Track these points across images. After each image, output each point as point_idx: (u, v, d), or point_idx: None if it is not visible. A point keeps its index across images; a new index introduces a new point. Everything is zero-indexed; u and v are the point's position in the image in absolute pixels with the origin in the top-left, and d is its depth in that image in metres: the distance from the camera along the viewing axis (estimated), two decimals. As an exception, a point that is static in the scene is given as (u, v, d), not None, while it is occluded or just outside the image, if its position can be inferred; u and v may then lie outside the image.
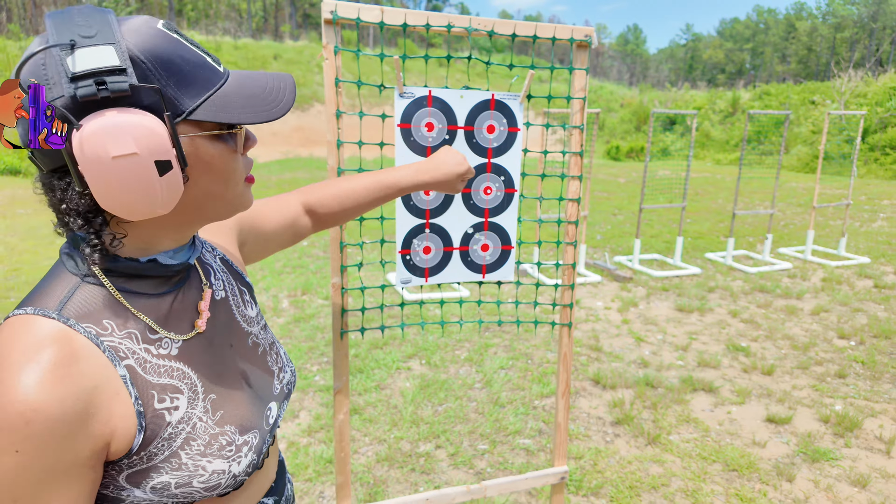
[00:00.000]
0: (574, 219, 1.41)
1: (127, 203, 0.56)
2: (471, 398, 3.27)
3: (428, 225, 1.31)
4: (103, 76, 0.53)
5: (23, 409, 0.51)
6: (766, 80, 61.09)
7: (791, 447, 2.82)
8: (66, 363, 0.55)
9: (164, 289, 0.67)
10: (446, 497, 1.40)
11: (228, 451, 0.66)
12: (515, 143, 1.32)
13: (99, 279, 0.61)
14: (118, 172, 0.54)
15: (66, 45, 0.53)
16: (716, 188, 13.41)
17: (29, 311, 0.57)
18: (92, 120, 0.53)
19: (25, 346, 0.54)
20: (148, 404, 0.61)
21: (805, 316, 4.74)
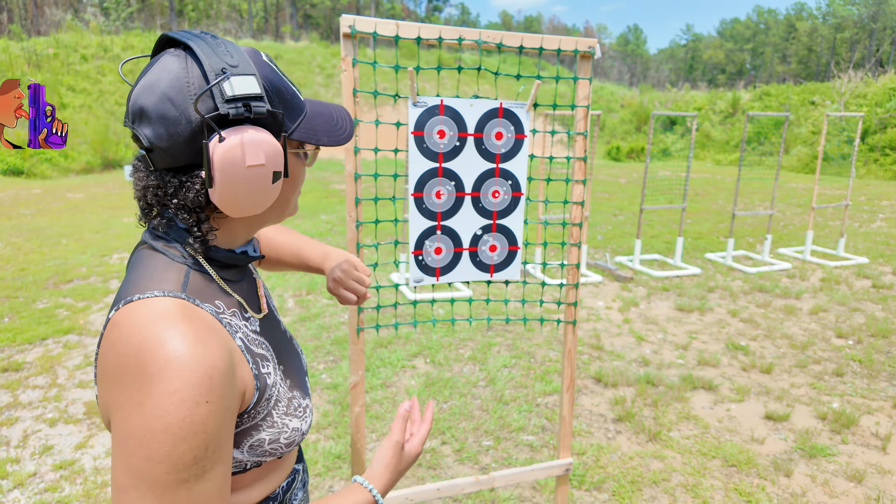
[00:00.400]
0: (578, 221, 1.47)
1: (242, 203, 0.67)
2: (475, 396, 3.33)
3: (440, 227, 1.37)
4: (249, 101, 0.65)
5: (205, 366, 0.60)
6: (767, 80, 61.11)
7: (789, 443, 2.88)
8: (211, 331, 0.64)
9: (241, 277, 0.78)
10: (456, 487, 1.46)
11: (299, 411, 0.78)
12: (522, 149, 1.39)
13: (203, 266, 0.72)
14: (246, 178, 0.66)
15: (220, 72, 0.64)
16: (716, 189, 13.47)
17: (157, 294, 0.64)
18: (234, 134, 0.64)
19: (172, 318, 0.61)
20: (258, 369, 0.72)
21: (804, 315, 4.80)
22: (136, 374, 0.58)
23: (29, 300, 4.86)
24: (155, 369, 0.58)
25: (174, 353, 0.58)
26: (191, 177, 0.67)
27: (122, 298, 0.65)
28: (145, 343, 0.59)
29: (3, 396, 3.25)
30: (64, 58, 20.00)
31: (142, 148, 0.67)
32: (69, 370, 3.58)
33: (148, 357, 0.58)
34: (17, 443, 2.81)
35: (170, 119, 0.64)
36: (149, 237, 0.73)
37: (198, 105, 0.63)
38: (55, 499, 2.40)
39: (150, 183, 0.68)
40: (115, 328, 0.62)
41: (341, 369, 3.60)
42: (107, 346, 0.62)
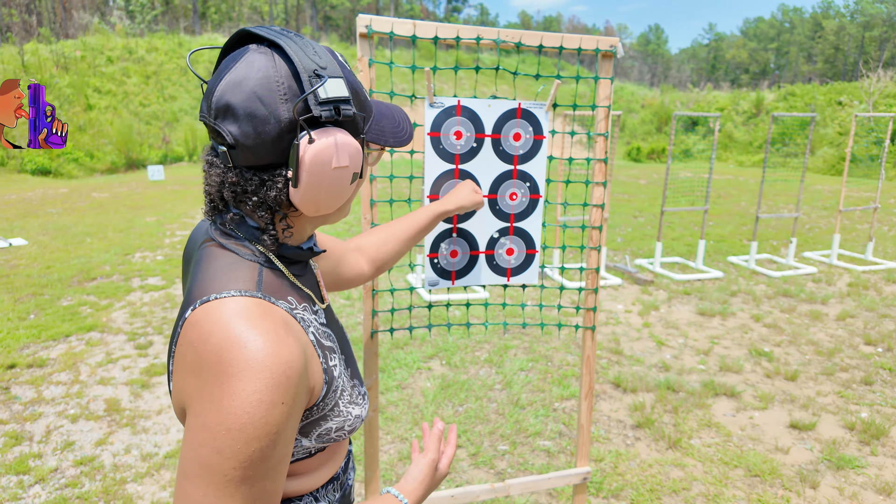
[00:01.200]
0: (598, 224, 1.43)
1: (321, 203, 0.70)
2: (491, 399, 3.30)
3: (455, 230, 1.35)
4: (339, 104, 0.67)
5: (284, 367, 0.61)
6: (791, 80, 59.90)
7: (815, 454, 2.80)
8: (287, 330, 0.65)
9: (305, 270, 0.81)
10: (471, 494, 1.44)
11: (360, 399, 0.80)
12: (541, 151, 1.36)
13: (274, 263, 0.73)
14: (331, 179, 0.68)
15: (313, 75, 0.66)
16: (738, 190, 13.23)
17: (234, 294, 0.65)
18: (324, 136, 0.66)
19: (252, 318, 0.62)
20: (327, 363, 0.73)
21: (830, 321, 4.67)
22: (217, 372, 0.59)
23: (54, 297, 4.95)
24: (236, 369, 0.58)
25: (255, 353, 0.59)
26: (273, 175, 0.68)
27: (198, 298, 0.66)
28: (225, 342, 0.60)
29: (28, 392, 3.31)
30: (91, 60, 20.43)
31: (222, 144, 0.68)
32: (91, 367, 3.64)
33: (229, 356, 0.59)
34: (39, 438, 2.85)
35: (258, 117, 0.64)
36: (217, 234, 0.74)
37: (294, 107, 0.64)
38: (75, 494, 2.43)
39: (229, 179, 0.69)
40: (194, 327, 0.63)
41: (357, 370, 3.60)
42: (185, 344, 0.63)
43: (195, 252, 0.77)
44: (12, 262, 6.09)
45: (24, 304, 4.76)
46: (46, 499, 2.41)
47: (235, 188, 0.69)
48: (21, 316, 4.50)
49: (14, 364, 3.64)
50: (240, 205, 0.72)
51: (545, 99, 1.35)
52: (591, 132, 1.37)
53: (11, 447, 2.76)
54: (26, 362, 3.67)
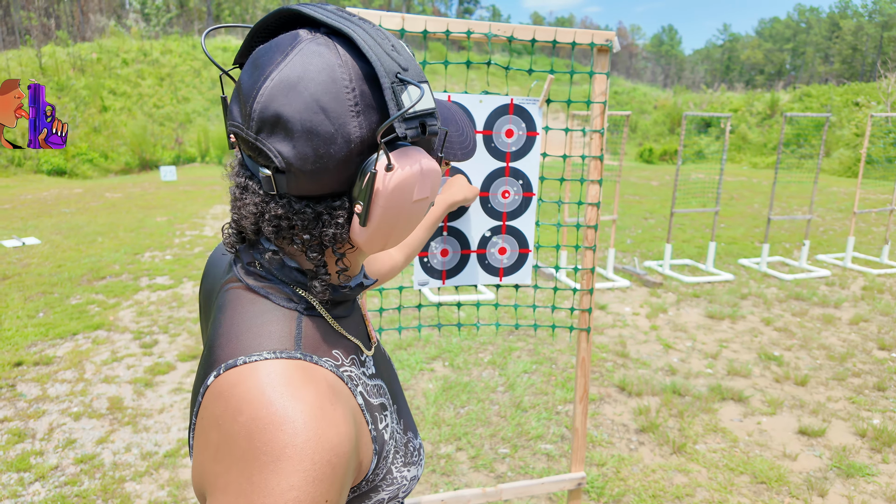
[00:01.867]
0: (593, 223, 1.40)
1: (391, 240, 0.56)
2: (493, 401, 3.27)
3: (446, 228, 1.32)
4: (426, 119, 0.53)
5: (328, 455, 0.48)
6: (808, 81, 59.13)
7: (824, 461, 2.73)
8: (336, 400, 0.52)
9: (350, 310, 0.66)
10: (462, 499, 1.41)
11: (415, 456, 0.68)
12: (534, 148, 1.33)
13: (317, 310, 0.59)
14: (409, 213, 0.54)
15: (396, 79, 0.51)
16: (752, 192, 13.06)
17: (268, 356, 0.52)
18: (406, 160, 0.52)
19: (291, 388, 0.50)
20: (376, 428, 0.61)
21: (843, 325, 4.58)
22: (247, 459, 0.47)
23: (63, 296, 5.00)
24: (269, 458, 0.47)
25: (293, 437, 0.47)
26: (332, 207, 0.54)
27: (223, 360, 0.53)
28: (258, 423, 0.48)
29: (33, 389, 3.33)
30: (106, 62, 20.71)
31: (265, 166, 0.53)
32: (96, 365, 3.66)
33: (261, 440, 0.47)
34: (42, 435, 2.87)
35: (322, 136, 0.50)
36: (244, 274, 0.60)
37: (381, 129, 0.50)
38: (74, 492, 2.44)
39: (272, 210, 0.54)
40: (219, 400, 0.51)
41: (360, 371, 3.58)
42: (208, 419, 0.51)
43: (216, 293, 0.64)
44: (24, 260, 6.16)
45: (33, 303, 4.81)
46: (45, 496, 2.42)
47: (280, 222, 0.55)
48: (30, 314, 4.54)
49: (21, 362, 3.67)
50: (282, 241, 0.58)
51: (538, 95, 1.32)
52: (585, 129, 1.34)
53: (14, 444, 2.78)
54: (33, 360, 3.71)
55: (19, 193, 11.64)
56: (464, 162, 0.68)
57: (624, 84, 37.88)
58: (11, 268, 5.85)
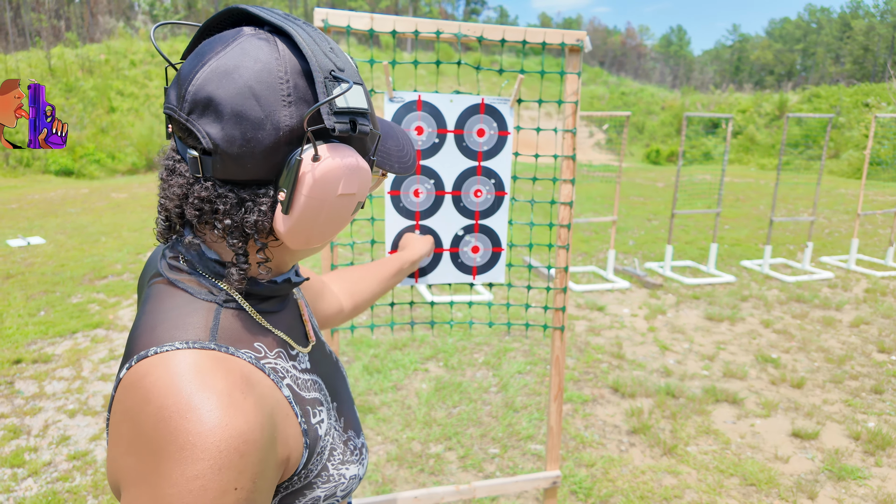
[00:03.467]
0: (566, 222, 1.40)
1: (316, 234, 0.57)
2: (486, 402, 3.27)
3: (418, 227, 1.33)
4: (357, 117, 0.54)
5: (236, 442, 0.48)
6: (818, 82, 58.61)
7: (816, 463, 2.71)
8: (248, 390, 0.52)
9: (281, 305, 0.66)
10: (435, 496, 1.41)
11: (356, 454, 0.69)
12: (506, 147, 1.33)
13: (238, 303, 0.60)
14: (332, 207, 0.55)
15: (330, 76, 0.53)
16: (758, 194, 12.97)
17: (180, 346, 0.52)
18: (334, 154, 0.53)
19: (201, 377, 0.50)
20: (307, 421, 0.61)
21: (843, 328, 4.54)
22: (153, 450, 0.47)
23: (65, 295, 5.05)
24: (174, 447, 0.47)
25: (198, 425, 0.47)
26: (256, 195, 0.54)
27: (136, 352, 0.53)
28: (164, 412, 0.48)
29: (31, 387, 3.37)
30: (114, 63, 20.91)
31: (193, 147, 0.54)
32: (94, 363, 3.69)
33: (166, 430, 0.47)
34: (37, 432, 2.90)
35: (250, 120, 0.51)
36: (166, 267, 0.61)
37: (307, 115, 0.51)
38: (65, 488, 2.47)
39: (196, 193, 0.55)
40: (129, 391, 0.50)
41: (352, 370, 3.59)
42: (120, 412, 0.51)
43: (144, 289, 0.64)
44: (28, 259, 6.24)
45: (35, 301, 4.86)
46: (38, 492, 2.45)
47: (203, 206, 0.55)
48: (31, 312, 4.59)
49: (20, 359, 3.71)
50: (205, 227, 0.58)
51: (509, 94, 1.33)
52: (557, 129, 1.34)
53: (9, 440, 2.81)
54: (32, 358, 3.75)
55: (26, 193, 11.77)
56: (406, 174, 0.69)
57: (632, 85, 37.73)
58: (15, 267, 5.92)
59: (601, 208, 10.32)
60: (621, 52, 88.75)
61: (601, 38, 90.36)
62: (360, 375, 3.51)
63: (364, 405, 3.15)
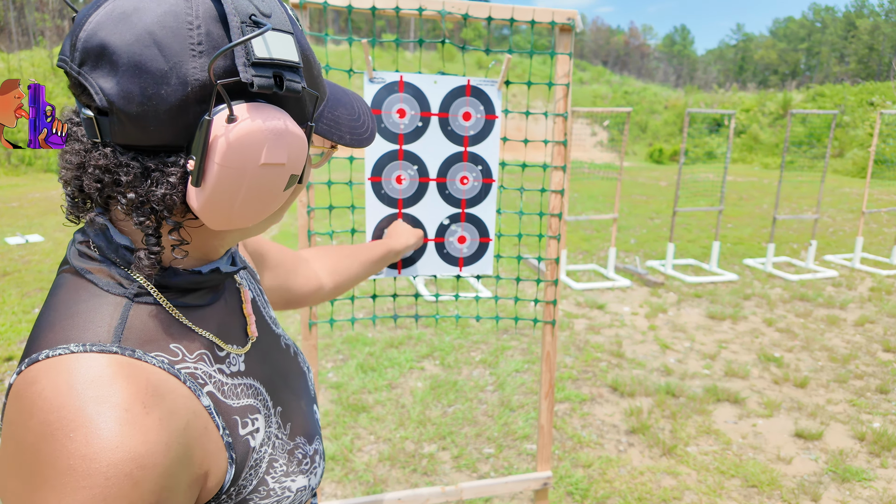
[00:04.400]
0: (557, 211, 1.34)
1: (237, 212, 0.48)
2: (481, 400, 3.20)
3: (401, 215, 1.27)
4: (284, 71, 0.46)
5: (129, 467, 0.41)
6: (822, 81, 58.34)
7: (820, 464, 2.64)
8: (154, 403, 0.45)
9: (210, 297, 0.57)
10: (419, 497, 1.35)
11: (306, 464, 0.61)
12: (493, 131, 1.27)
13: (153, 297, 0.51)
14: (254, 180, 0.46)
15: (249, 21, 0.44)
16: (762, 193, 12.88)
17: (76, 349, 0.44)
18: (254, 115, 0.44)
19: (95, 390, 0.42)
20: (234, 433, 0.53)
21: (848, 326, 4.46)
22: (32, 474, 0.41)
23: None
24: (54, 472, 0.40)
25: (86, 448, 0.40)
26: (164, 164, 0.46)
27: (29, 354, 0.45)
28: (48, 429, 0.41)
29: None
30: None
31: (87, 105, 0.46)
32: (85, 361, 3.65)
33: (48, 452, 0.40)
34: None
35: (151, 73, 0.43)
36: (74, 254, 0.52)
37: (213, 63, 0.43)
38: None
39: (95, 161, 0.47)
40: (15, 401, 0.43)
41: (348, 368, 3.54)
42: (5, 424, 0.44)
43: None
44: (26, 257, 6.20)
45: (30, 299, 4.82)
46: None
47: (102, 176, 0.47)
48: (26, 310, 4.55)
49: (11, 357, 3.67)
50: (108, 202, 0.50)
51: (497, 76, 1.26)
52: (547, 113, 1.28)
53: (-4, 438, 2.76)
54: (24, 355, 3.70)
55: (28, 192, 11.75)
56: (360, 148, 0.61)
57: (635, 84, 37.61)
58: (12, 264, 5.89)
59: (603, 206, 10.24)
60: (624, 52, 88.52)
61: (604, 37, 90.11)
62: (355, 373, 3.45)
63: (357, 404, 3.09)
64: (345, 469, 2.54)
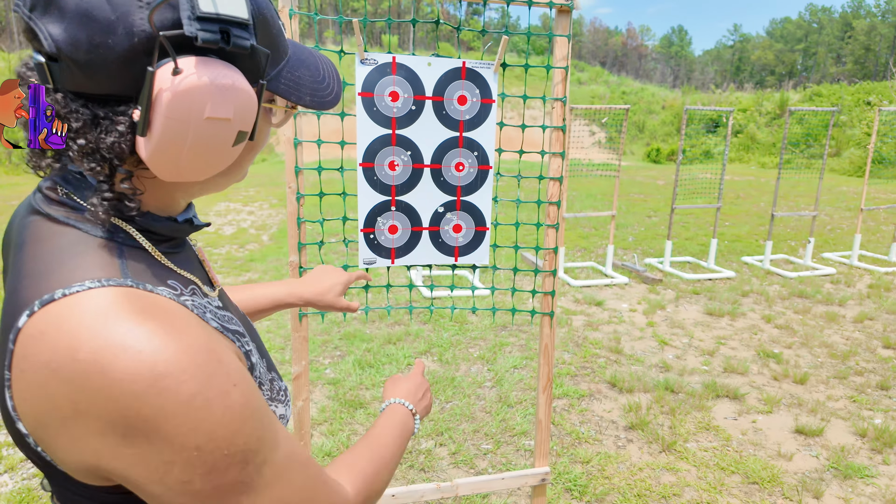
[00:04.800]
0: (556, 199, 1.31)
1: (185, 165, 0.49)
2: (479, 396, 3.17)
3: (394, 202, 1.23)
4: (229, 26, 0.46)
5: (205, 350, 0.46)
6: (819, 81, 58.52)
7: (821, 461, 2.61)
8: (184, 316, 0.49)
9: (179, 248, 0.61)
10: (415, 494, 1.32)
11: (282, 395, 0.66)
12: (490, 116, 1.23)
13: (137, 241, 0.53)
14: (199, 133, 0.47)
15: None
16: (759, 192, 12.87)
17: (92, 285, 0.45)
18: (199, 68, 0.45)
19: (132, 314, 0.44)
20: (242, 347, 0.58)
21: (847, 323, 4.44)
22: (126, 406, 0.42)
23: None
24: (146, 385, 0.42)
25: (157, 354, 0.43)
26: (113, 112, 0.47)
27: (34, 299, 0.45)
28: (106, 354, 0.42)
29: (12, 382, 3.28)
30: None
31: (36, 50, 0.46)
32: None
33: (123, 372, 0.41)
34: (16, 428, 2.81)
35: (98, 22, 0.44)
36: (44, 204, 0.52)
37: (154, 14, 0.43)
38: (39, 485, 2.37)
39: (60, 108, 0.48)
40: (42, 342, 0.43)
41: (345, 364, 3.50)
42: (35, 370, 0.43)
43: (14, 237, 0.55)
44: (19, 255, 6.15)
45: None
46: (13, 488, 2.36)
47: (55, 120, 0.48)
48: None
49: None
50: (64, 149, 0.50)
51: (493, 58, 1.23)
52: (546, 97, 1.24)
53: (-15, 436, 2.72)
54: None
55: (28, 191, 11.69)
56: (322, 110, 0.61)
57: (633, 84, 37.61)
58: (5, 262, 5.84)
59: (601, 204, 10.22)
60: (622, 53, 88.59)
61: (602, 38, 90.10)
62: (352, 370, 3.42)
63: (355, 400, 3.06)
64: (340, 466, 2.50)
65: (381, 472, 0.68)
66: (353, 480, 0.63)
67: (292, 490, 0.51)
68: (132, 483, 0.45)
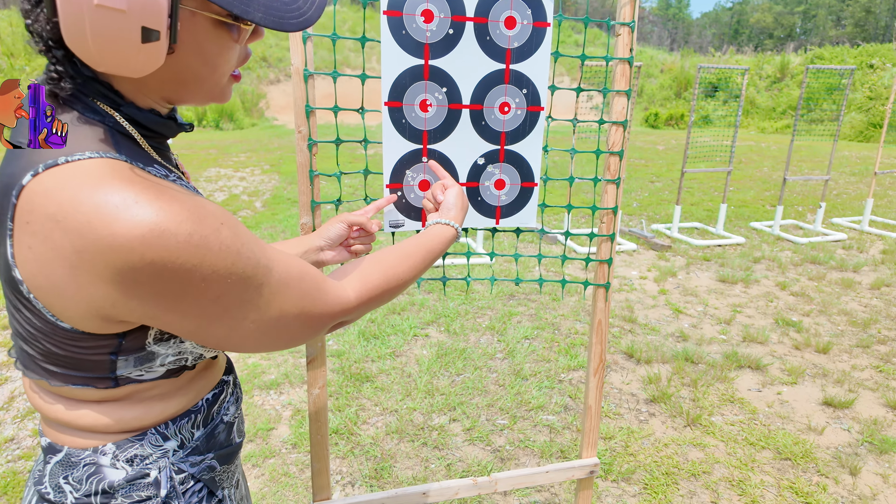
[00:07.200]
0: (618, 149, 1.10)
1: (95, 53, 0.50)
2: (491, 369, 3.02)
3: (426, 152, 1.02)
4: None
5: (194, 201, 0.52)
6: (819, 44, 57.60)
7: (853, 435, 2.49)
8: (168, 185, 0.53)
9: (164, 149, 0.64)
10: (448, 490, 1.15)
11: None
12: (544, 44, 1.01)
13: (126, 128, 0.57)
14: (96, 22, 0.48)
15: None
16: (761, 157, 12.66)
17: (93, 156, 0.51)
18: None
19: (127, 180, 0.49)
20: None
21: (863, 290, 4.31)
22: (131, 251, 0.47)
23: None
24: (147, 228, 0.47)
25: (152, 205, 0.48)
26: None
27: (37, 162, 0.50)
28: (108, 209, 0.47)
29: (1, 355, 3.09)
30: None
31: None
32: (65, 330, 3.41)
33: (125, 226, 0.46)
34: (1, 405, 2.63)
35: None
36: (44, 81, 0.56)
37: None
38: (27, 468, 2.21)
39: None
40: (48, 198, 0.48)
41: (349, 336, 3.33)
42: (39, 221, 0.48)
43: None
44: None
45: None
46: None
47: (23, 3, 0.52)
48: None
49: None
50: None
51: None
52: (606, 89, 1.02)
53: (-34, 414, 2.54)
54: (3, 324, 3.46)
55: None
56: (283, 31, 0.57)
57: (630, 46, 36.81)
58: None
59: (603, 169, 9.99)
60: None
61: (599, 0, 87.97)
62: (356, 341, 3.25)
63: (360, 373, 2.90)
64: (350, 443, 2.35)
65: (390, 278, 0.73)
66: (356, 285, 0.69)
67: (291, 302, 0.58)
68: (148, 319, 0.52)
